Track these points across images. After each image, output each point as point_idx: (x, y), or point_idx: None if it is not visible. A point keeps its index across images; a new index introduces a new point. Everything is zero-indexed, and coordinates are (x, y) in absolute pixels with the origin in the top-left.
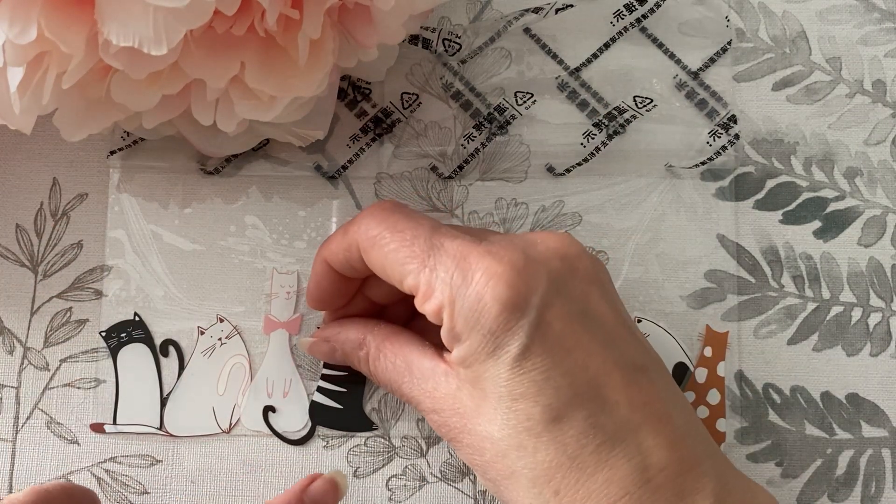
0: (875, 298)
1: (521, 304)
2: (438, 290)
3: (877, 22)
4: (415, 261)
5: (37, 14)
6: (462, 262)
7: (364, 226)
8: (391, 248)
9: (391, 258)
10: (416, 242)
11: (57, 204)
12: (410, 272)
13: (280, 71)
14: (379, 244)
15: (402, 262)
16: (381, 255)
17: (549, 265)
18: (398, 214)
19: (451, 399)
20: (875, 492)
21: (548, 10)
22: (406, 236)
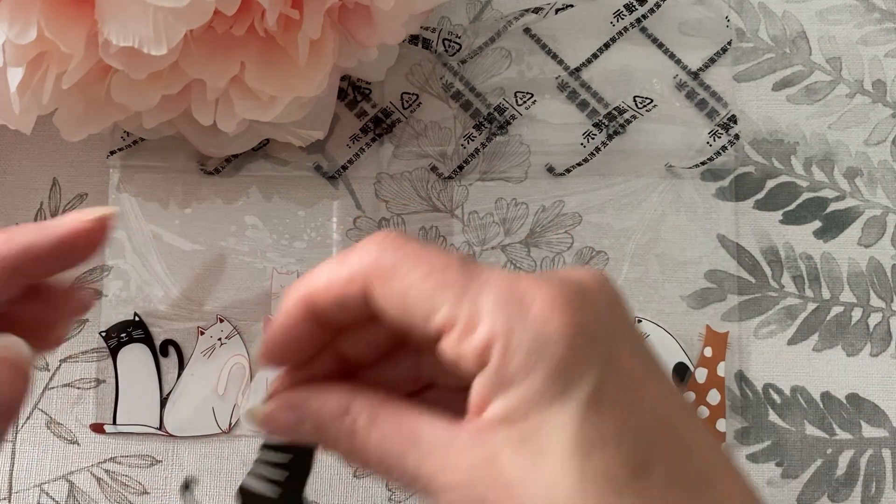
0: (875, 298)
1: (593, 331)
2: (486, 320)
3: (877, 22)
4: (450, 289)
5: (36, 14)
6: (512, 288)
7: (374, 253)
8: (417, 275)
9: (417, 288)
10: (448, 269)
11: (57, 204)
12: (444, 303)
13: (280, 71)
14: (400, 272)
15: (432, 291)
16: (402, 286)
17: (601, 295)
18: (415, 243)
19: (483, 470)
20: (875, 492)
21: (548, 10)
22: (435, 262)
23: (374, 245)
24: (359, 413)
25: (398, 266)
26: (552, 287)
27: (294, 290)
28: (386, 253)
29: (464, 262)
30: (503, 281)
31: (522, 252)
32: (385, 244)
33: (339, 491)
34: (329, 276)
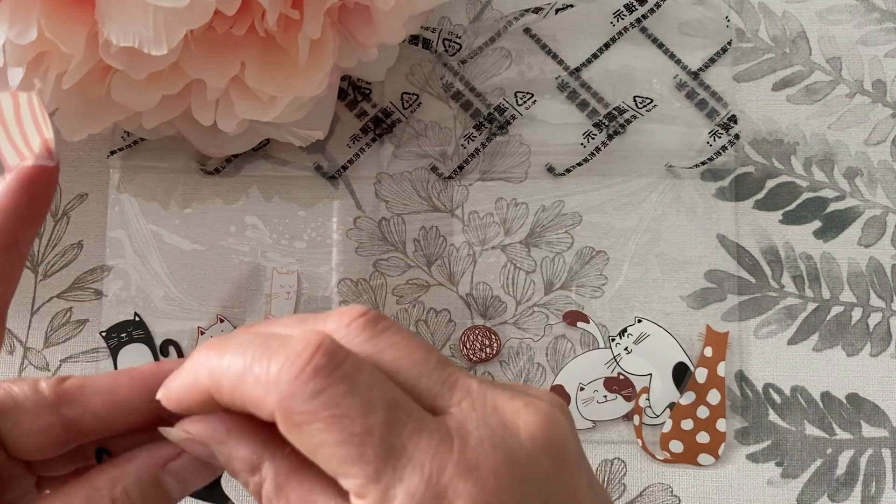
0: (875, 298)
1: None
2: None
3: (877, 22)
4: (364, 466)
5: (37, 14)
6: (433, 483)
7: (284, 386)
8: (329, 438)
9: (327, 451)
10: (367, 440)
11: (57, 204)
12: (355, 476)
13: (280, 71)
14: (310, 426)
15: (343, 461)
16: (310, 443)
17: (538, 471)
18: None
19: None
20: (875, 492)
21: (548, 11)
22: (353, 426)
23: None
24: (266, 477)
25: (308, 419)
26: (476, 489)
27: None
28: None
29: (387, 433)
30: (426, 469)
31: (522, 252)
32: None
33: None
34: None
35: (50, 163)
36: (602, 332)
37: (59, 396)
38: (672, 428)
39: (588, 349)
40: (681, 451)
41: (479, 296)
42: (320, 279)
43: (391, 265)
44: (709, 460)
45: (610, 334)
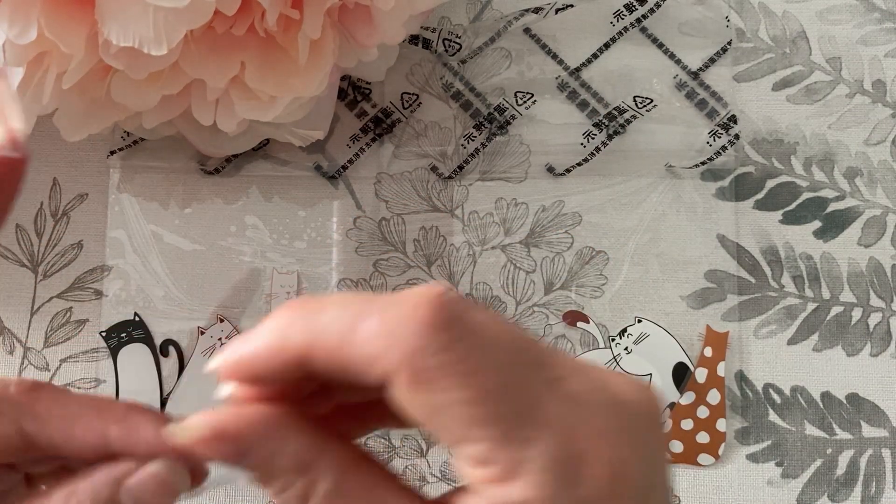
0: (875, 298)
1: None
2: (529, 480)
3: (877, 22)
4: (497, 426)
5: (37, 14)
6: (570, 446)
7: (411, 340)
8: (461, 395)
9: (455, 411)
10: (500, 397)
11: (57, 204)
12: (484, 440)
13: (280, 71)
14: (440, 382)
15: (473, 421)
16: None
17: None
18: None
19: None
20: (875, 492)
21: (548, 11)
22: (486, 382)
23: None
24: (323, 475)
25: (438, 375)
26: (613, 450)
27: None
28: (429, 348)
29: (519, 383)
30: (560, 429)
31: (522, 252)
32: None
33: None
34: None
35: (13, 154)
36: (602, 332)
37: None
38: (672, 428)
39: (588, 349)
40: (681, 451)
41: (479, 296)
42: (320, 279)
43: (391, 265)
44: (709, 460)
45: (610, 334)
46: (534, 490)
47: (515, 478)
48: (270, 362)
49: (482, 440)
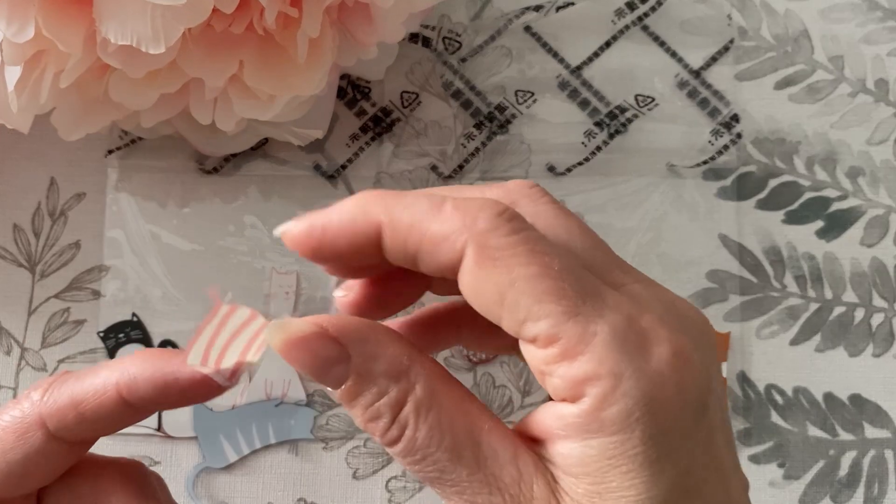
0: (878, 298)
1: (704, 403)
2: (596, 353)
3: (879, 20)
4: (562, 301)
5: (34, 12)
6: (633, 324)
7: (485, 221)
8: (528, 271)
9: (522, 287)
10: (565, 276)
11: (55, 203)
12: (550, 314)
13: (279, 69)
14: (508, 259)
15: (539, 296)
16: (505, 278)
17: (709, 350)
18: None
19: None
20: (878, 493)
21: (549, 8)
22: (552, 262)
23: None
24: (417, 381)
25: (505, 254)
26: (675, 335)
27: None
28: (500, 229)
29: (582, 271)
30: (624, 310)
31: None
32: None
33: (339, 491)
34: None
35: (223, 383)
36: None
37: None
38: None
39: None
40: None
41: None
42: (319, 279)
43: None
44: None
45: None
46: (600, 363)
47: (583, 352)
48: (344, 232)
49: (548, 315)
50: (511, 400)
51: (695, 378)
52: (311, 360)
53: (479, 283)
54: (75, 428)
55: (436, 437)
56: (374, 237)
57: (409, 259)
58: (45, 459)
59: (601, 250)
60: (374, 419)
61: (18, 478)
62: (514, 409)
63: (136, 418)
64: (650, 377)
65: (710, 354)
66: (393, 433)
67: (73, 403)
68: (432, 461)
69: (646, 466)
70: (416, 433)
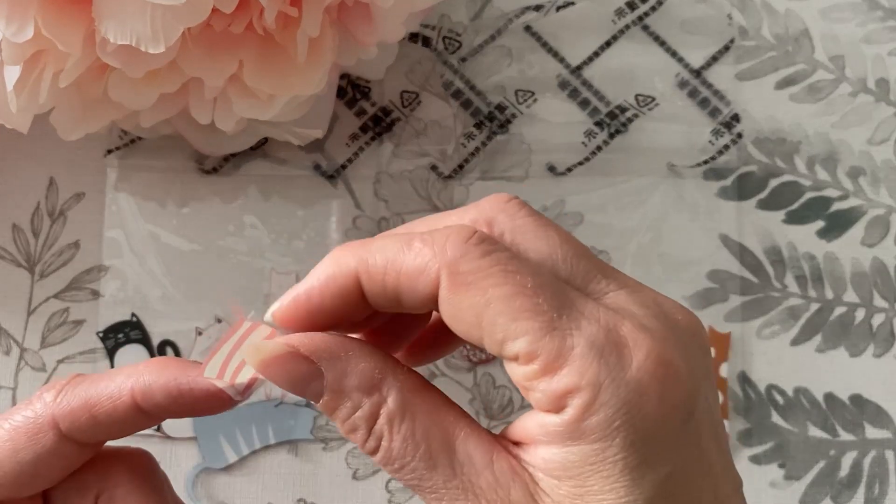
0: (878, 299)
1: (689, 408)
2: (575, 366)
3: (880, 20)
4: (538, 317)
5: (34, 12)
6: (611, 333)
7: (454, 249)
8: (501, 291)
9: (497, 307)
10: (539, 292)
11: (54, 203)
12: (527, 332)
13: (279, 69)
14: (480, 282)
15: (515, 314)
16: (480, 300)
17: (698, 354)
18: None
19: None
20: (878, 493)
21: (549, 8)
22: (524, 280)
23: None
24: (389, 394)
25: (481, 273)
26: (657, 342)
27: (341, 254)
28: (470, 252)
29: (556, 286)
30: (602, 320)
31: None
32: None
33: (339, 492)
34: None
35: (235, 397)
36: None
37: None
38: None
39: None
40: None
41: None
42: None
43: None
44: None
45: None
46: (580, 375)
47: (561, 366)
48: (328, 291)
49: (525, 332)
50: (511, 400)
51: (678, 384)
52: (287, 378)
53: (456, 308)
54: (87, 430)
55: (410, 447)
56: (355, 288)
57: (393, 300)
58: (56, 460)
59: (583, 258)
60: (351, 431)
61: (29, 477)
62: (514, 409)
63: (147, 424)
64: (630, 386)
65: (698, 357)
66: (370, 444)
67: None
68: (410, 469)
69: (626, 472)
70: (391, 444)
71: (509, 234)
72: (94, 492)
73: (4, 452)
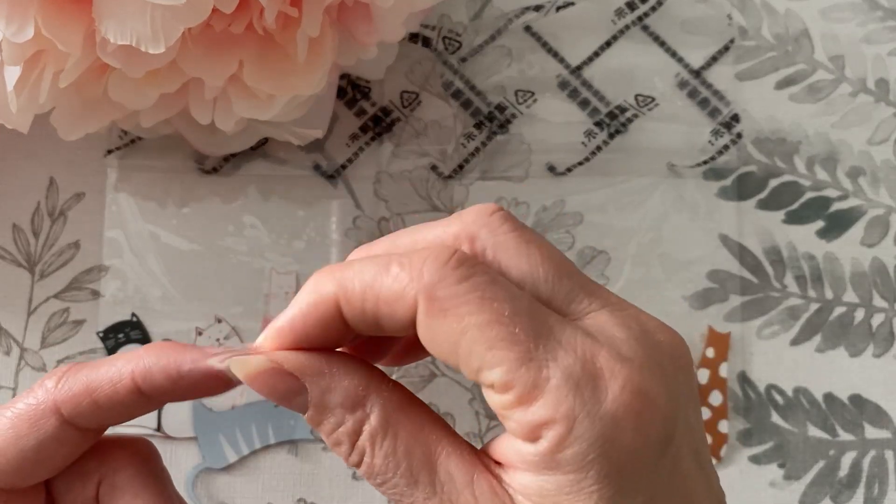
0: (878, 299)
1: (667, 437)
2: (550, 398)
3: (880, 20)
4: (514, 347)
5: (34, 12)
6: (587, 364)
7: (431, 273)
8: (478, 319)
9: (473, 335)
10: (516, 321)
11: (54, 203)
12: (503, 362)
13: (279, 69)
14: (457, 309)
15: (491, 343)
16: (456, 328)
17: (679, 377)
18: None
19: None
20: (878, 493)
21: (549, 8)
22: (502, 308)
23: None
24: (372, 411)
25: (457, 301)
26: (633, 371)
27: (322, 280)
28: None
29: (534, 312)
30: (579, 350)
31: None
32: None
33: (339, 491)
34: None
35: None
36: None
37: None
38: None
39: None
40: None
41: None
42: None
43: None
44: None
45: None
46: (554, 408)
47: (536, 398)
48: (310, 320)
49: (501, 363)
50: None
51: (655, 413)
52: (271, 393)
53: (433, 334)
54: (89, 415)
55: (392, 464)
56: (336, 314)
57: (373, 325)
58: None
59: (565, 277)
60: (335, 445)
61: (32, 464)
62: None
63: (148, 408)
64: (604, 419)
65: (679, 380)
66: (354, 458)
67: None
68: (392, 485)
69: (602, 502)
70: (373, 460)
71: (491, 251)
72: (95, 478)
73: (7, 440)
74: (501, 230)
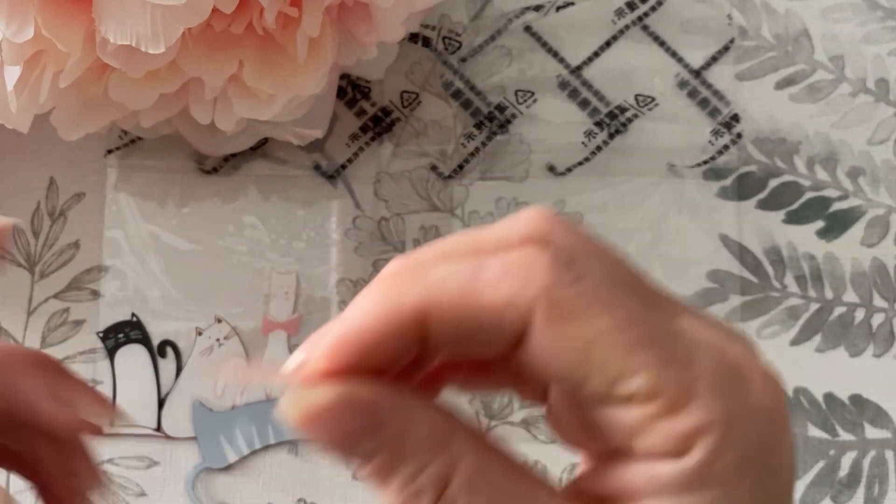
0: (878, 299)
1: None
2: (703, 401)
3: (880, 20)
4: (652, 350)
5: (34, 12)
6: (725, 357)
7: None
8: (609, 322)
9: (609, 339)
10: (646, 322)
11: (54, 203)
12: (645, 366)
13: (279, 69)
14: (584, 312)
15: (630, 348)
16: (585, 335)
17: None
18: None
19: None
20: (878, 493)
21: (549, 8)
22: (628, 307)
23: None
24: (463, 451)
25: (580, 305)
26: (761, 362)
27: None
28: (563, 280)
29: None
30: (711, 345)
31: None
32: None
33: (339, 491)
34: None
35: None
36: None
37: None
38: None
39: None
40: None
41: None
42: (319, 279)
43: None
44: None
45: None
46: (710, 411)
47: (688, 401)
48: (385, 332)
49: (645, 366)
50: (511, 400)
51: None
52: (337, 435)
53: (556, 343)
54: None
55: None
56: (417, 328)
57: (463, 340)
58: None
59: (643, 276)
60: (414, 497)
61: None
62: (514, 409)
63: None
64: (758, 419)
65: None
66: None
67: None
68: None
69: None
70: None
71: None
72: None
73: None
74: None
